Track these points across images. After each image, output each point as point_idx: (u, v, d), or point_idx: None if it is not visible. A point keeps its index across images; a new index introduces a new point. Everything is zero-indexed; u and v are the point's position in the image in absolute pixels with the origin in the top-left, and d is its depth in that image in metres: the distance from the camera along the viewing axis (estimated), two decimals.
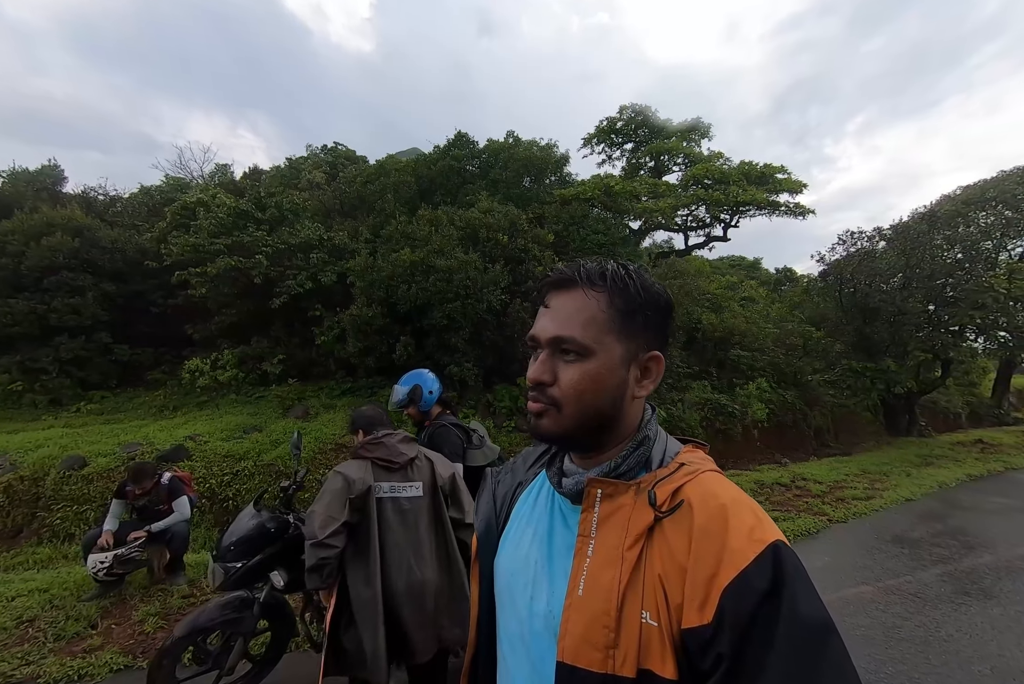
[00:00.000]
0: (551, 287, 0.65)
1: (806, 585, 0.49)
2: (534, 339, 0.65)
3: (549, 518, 0.67)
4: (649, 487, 0.59)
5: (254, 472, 6.13)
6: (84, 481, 5.60)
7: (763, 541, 0.51)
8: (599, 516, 0.60)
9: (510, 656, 0.66)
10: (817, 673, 0.44)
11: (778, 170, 13.74)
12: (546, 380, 0.62)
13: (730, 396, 10.02)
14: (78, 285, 9.47)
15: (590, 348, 0.60)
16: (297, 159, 17.32)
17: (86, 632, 2.92)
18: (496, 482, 0.82)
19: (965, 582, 3.61)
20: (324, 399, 8.54)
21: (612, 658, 0.52)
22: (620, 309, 0.61)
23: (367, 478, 1.91)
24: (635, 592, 0.54)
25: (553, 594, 0.60)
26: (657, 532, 0.56)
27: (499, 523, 0.75)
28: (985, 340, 10.80)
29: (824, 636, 0.46)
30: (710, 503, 0.55)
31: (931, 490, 6.30)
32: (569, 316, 0.61)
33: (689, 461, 0.63)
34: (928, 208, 13.66)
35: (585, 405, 0.61)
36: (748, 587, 0.48)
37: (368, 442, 2.01)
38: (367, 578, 1.85)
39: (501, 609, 0.70)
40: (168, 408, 8.65)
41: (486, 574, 0.74)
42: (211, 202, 9.44)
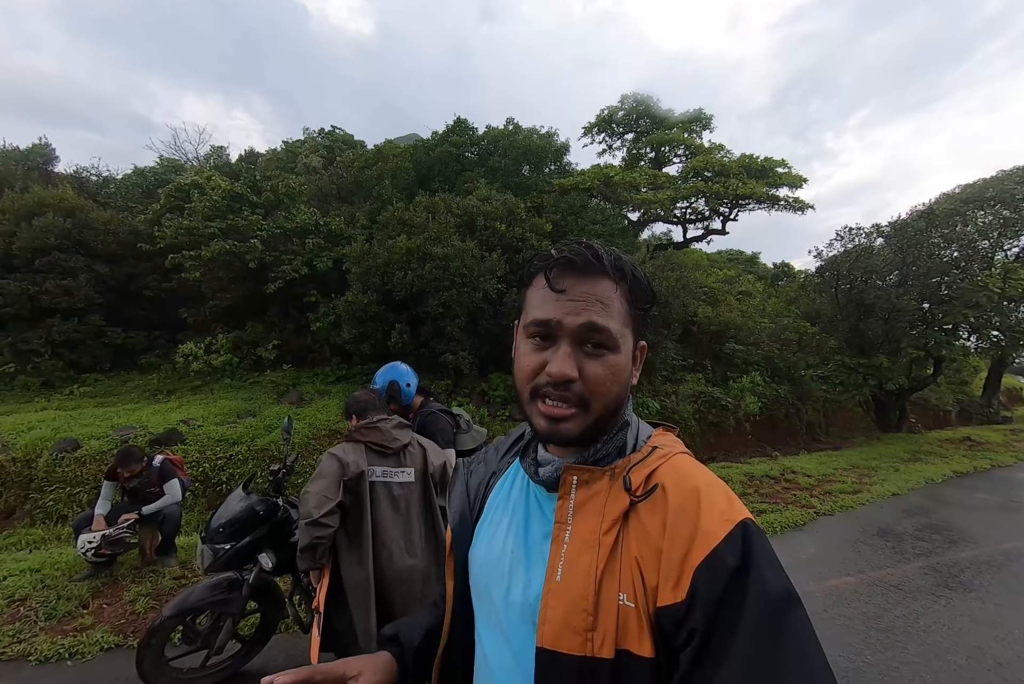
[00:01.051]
0: (566, 269, 0.59)
1: (772, 561, 0.51)
2: (547, 324, 0.59)
3: (525, 507, 0.67)
4: (624, 472, 0.59)
5: (247, 457, 6.14)
6: (77, 463, 5.59)
7: (732, 521, 0.52)
8: (575, 503, 0.60)
9: (489, 646, 0.66)
10: (782, 639, 0.46)
11: (779, 164, 13.65)
12: (575, 376, 0.57)
13: (724, 389, 10.09)
14: (70, 267, 9.35)
15: (617, 341, 0.59)
16: (294, 142, 17.06)
17: (77, 611, 2.94)
18: (469, 473, 0.80)
19: (946, 575, 3.68)
20: (318, 385, 8.54)
21: (591, 641, 0.53)
22: (632, 302, 0.61)
23: (361, 462, 1.93)
24: (612, 575, 0.54)
25: (530, 583, 0.60)
26: (632, 516, 0.56)
27: (473, 514, 0.74)
28: (978, 339, 10.89)
29: (788, 606, 0.48)
30: (684, 485, 0.56)
31: (918, 485, 6.39)
32: (600, 304, 0.58)
33: (661, 444, 0.63)
34: (927, 206, 13.64)
35: (610, 401, 0.60)
36: (719, 564, 0.49)
37: (363, 426, 2.02)
38: (360, 559, 1.87)
39: (478, 600, 0.70)
40: (162, 392, 8.62)
41: (460, 565, 0.74)
42: (206, 185, 9.30)
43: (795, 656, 0.46)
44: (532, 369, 0.60)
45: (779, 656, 0.46)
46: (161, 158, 15.03)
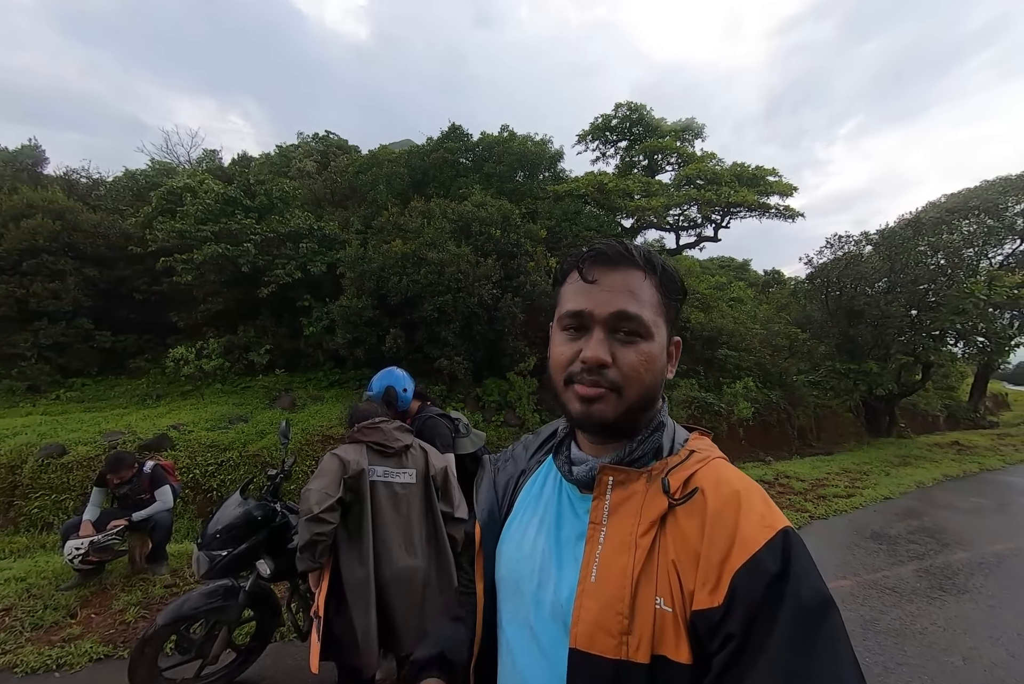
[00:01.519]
0: (597, 262, 0.61)
1: (812, 569, 0.51)
2: (581, 315, 0.60)
3: (557, 506, 0.67)
4: (662, 475, 0.59)
5: (239, 462, 6.06)
6: (63, 469, 5.48)
7: (773, 527, 0.52)
8: (611, 503, 0.60)
9: (516, 643, 0.65)
10: (817, 647, 0.46)
11: (769, 172, 13.87)
12: (609, 361, 0.58)
13: (717, 395, 10.15)
14: (59, 269, 9.22)
15: (650, 329, 0.59)
16: (287, 147, 17.02)
17: (65, 621, 2.86)
18: (496, 470, 0.81)
19: (940, 578, 3.71)
20: (311, 390, 8.47)
21: (626, 644, 0.53)
22: (665, 294, 0.62)
23: (361, 460, 1.93)
24: (649, 578, 0.54)
25: (562, 582, 0.60)
26: (670, 519, 0.56)
27: (502, 512, 0.74)
28: (964, 345, 11.07)
29: (825, 614, 0.48)
30: (723, 490, 0.56)
31: (909, 489, 6.45)
32: (630, 293, 0.59)
33: (699, 448, 0.63)
34: (914, 214, 13.93)
35: (645, 388, 0.60)
36: (759, 570, 0.49)
37: (365, 426, 2.02)
38: (360, 558, 1.85)
39: (505, 597, 0.69)
40: (151, 397, 8.49)
41: (490, 562, 0.73)
42: (199, 188, 9.24)
43: (830, 665, 0.46)
44: (567, 358, 0.61)
45: (813, 664, 0.45)
46: (153, 161, 14.92)
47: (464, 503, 2.16)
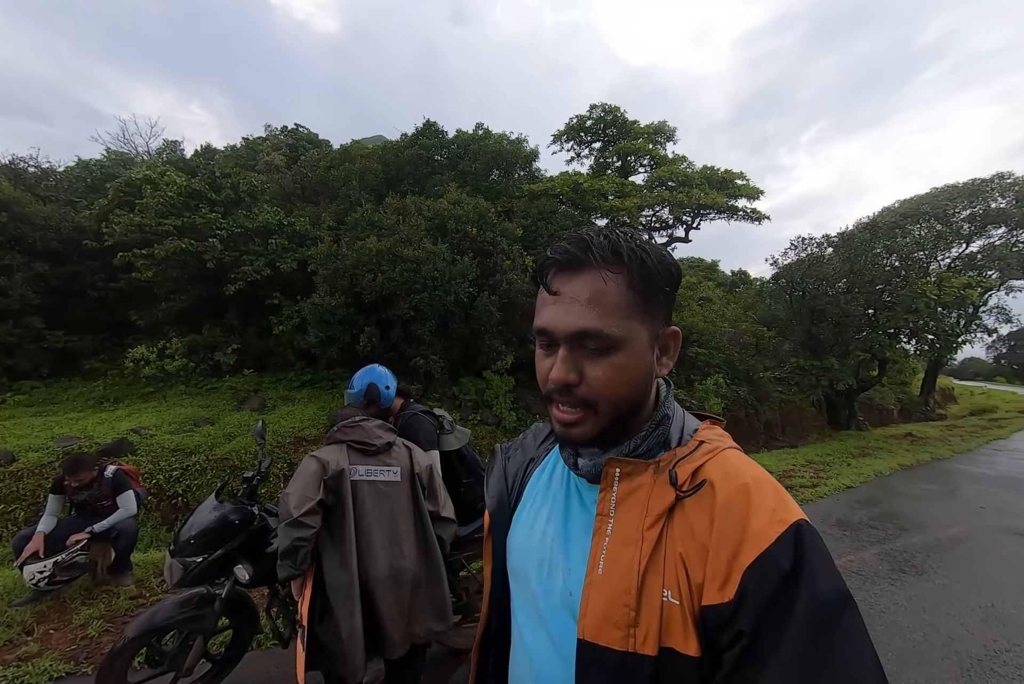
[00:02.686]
0: (557, 269, 0.57)
1: (827, 564, 0.49)
2: (546, 333, 0.58)
3: (565, 497, 0.66)
4: (669, 466, 0.58)
5: (206, 467, 5.82)
6: (12, 478, 5.13)
7: (785, 521, 0.50)
8: (618, 495, 0.59)
9: (527, 630, 0.65)
10: (832, 644, 0.45)
11: (737, 176, 14.31)
12: (573, 380, 0.56)
13: (688, 391, 10.42)
14: (5, 264, 8.63)
15: (619, 339, 0.55)
16: (255, 139, 16.47)
17: (20, 639, 2.68)
18: (506, 458, 0.80)
19: (900, 560, 3.92)
20: (282, 391, 8.22)
21: (633, 636, 0.52)
22: (640, 290, 0.56)
23: (341, 460, 1.87)
24: (656, 571, 0.54)
25: (570, 572, 0.60)
26: (678, 511, 0.55)
27: (511, 500, 0.74)
28: (916, 342, 11.73)
29: (841, 609, 0.47)
30: (732, 482, 0.54)
31: (868, 478, 6.78)
32: (589, 304, 0.55)
33: (708, 438, 0.61)
34: (870, 219, 14.67)
35: (620, 401, 0.58)
36: (770, 567, 0.48)
37: (345, 425, 1.96)
38: (343, 561, 1.79)
39: (516, 585, 0.70)
40: (108, 399, 8.06)
41: (499, 550, 0.74)
42: (160, 180, 8.81)
43: (848, 661, 0.45)
44: (543, 375, 0.59)
45: (828, 661, 0.45)
46: (108, 151, 14.18)
47: (450, 502, 2.13)
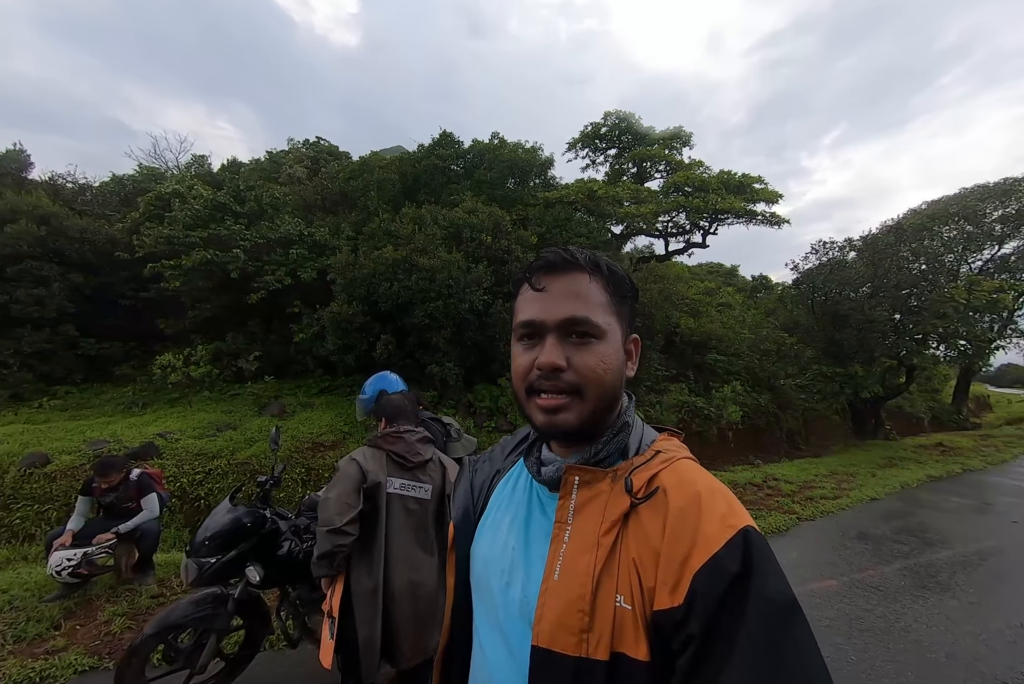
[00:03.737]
0: (545, 270, 0.63)
1: (774, 568, 0.50)
2: (533, 324, 0.62)
3: (527, 506, 0.67)
4: (626, 474, 0.59)
5: (227, 471, 5.99)
6: (46, 479, 5.38)
7: (734, 527, 0.52)
8: (576, 503, 0.61)
9: (487, 642, 0.65)
10: (782, 649, 0.46)
11: (755, 180, 14.11)
12: (563, 365, 0.59)
13: (706, 399, 10.25)
14: (43, 275, 9.10)
15: (603, 329, 0.60)
16: (278, 153, 16.99)
17: (48, 633, 2.81)
18: (474, 470, 0.81)
19: (924, 576, 3.78)
20: (301, 397, 8.41)
21: (586, 642, 0.53)
22: (614, 293, 0.63)
23: (380, 471, 1.90)
24: (610, 577, 0.54)
25: (529, 580, 0.60)
26: (633, 518, 0.57)
27: (476, 511, 0.75)
28: (946, 348, 11.30)
29: (789, 615, 0.48)
30: (685, 490, 0.56)
31: (894, 490, 6.56)
32: (577, 297, 0.61)
33: (665, 449, 0.63)
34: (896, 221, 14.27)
35: (606, 388, 0.60)
36: (719, 570, 0.49)
37: (390, 434, 1.98)
38: (370, 569, 1.84)
39: (478, 596, 0.70)
40: (137, 404, 8.37)
41: (462, 562, 0.74)
42: (187, 193, 9.19)
43: (795, 666, 0.45)
44: (525, 367, 0.62)
45: (779, 666, 0.45)
46: (140, 166, 14.82)
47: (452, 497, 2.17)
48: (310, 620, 2.36)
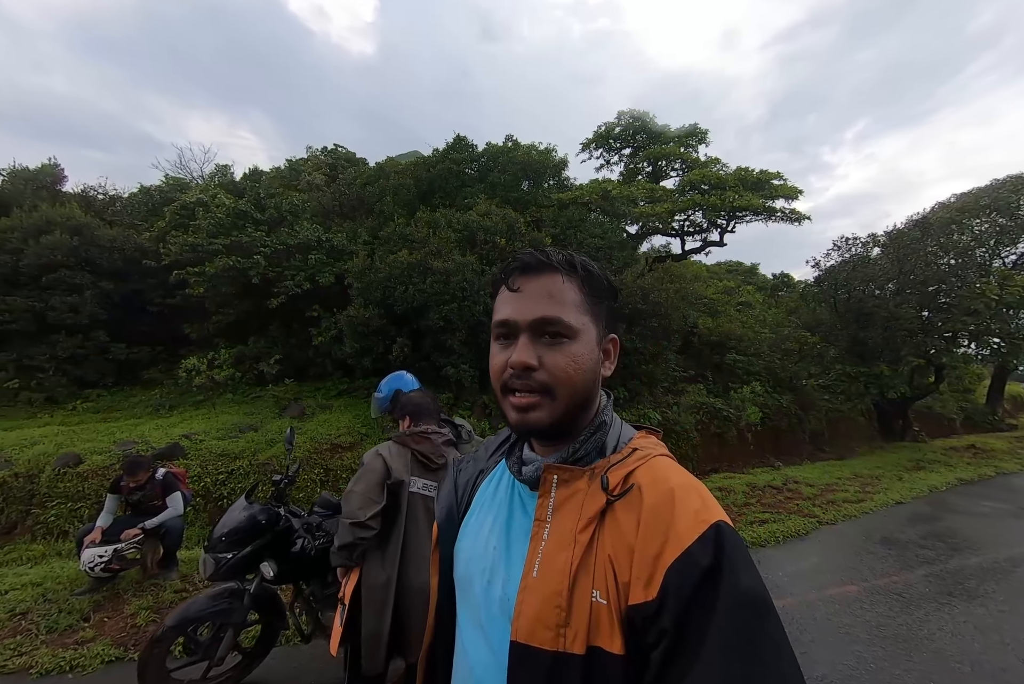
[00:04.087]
0: (520, 271, 0.64)
1: (746, 562, 0.51)
2: (507, 324, 0.63)
3: (509, 505, 0.68)
4: (603, 472, 0.60)
5: (249, 471, 6.15)
6: (79, 478, 5.61)
7: (706, 522, 0.52)
8: (555, 501, 0.62)
9: (468, 641, 0.67)
10: (754, 645, 0.46)
11: (774, 176, 13.83)
12: (534, 364, 0.60)
13: (725, 400, 10.07)
14: (76, 283, 9.50)
15: (575, 329, 0.61)
16: (297, 160, 17.39)
17: (78, 625, 2.94)
18: (458, 470, 0.83)
19: (950, 583, 3.65)
20: (320, 399, 8.58)
21: (563, 636, 0.54)
22: (589, 293, 0.64)
23: (403, 470, 1.93)
24: (586, 572, 0.55)
25: (509, 579, 0.61)
26: (609, 515, 0.58)
27: (460, 511, 0.76)
28: (977, 346, 10.89)
29: (761, 611, 0.48)
30: (660, 486, 0.57)
31: (922, 493, 6.34)
32: (550, 298, 0.61)
33: (642, 446, 0.64)
34: (922, 215, 13.78)
35: (577, 388, 0.61)
36: (691, 565, 0.50)
37: (418, 434, 2.01)
38: (384, 562, 1.87)
39: (461, 595, 0.71)
40: (164, 407, 8.66)
41: (446, 561, 0.75)
42: (211, 202, 9.49)
43: (765, 661, 0.46)
44: (500, 366, 0.63)
45: (748, 661, 0.46)
46: (167, 177, 15.34)
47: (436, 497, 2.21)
48: (323, 616, 2.41)
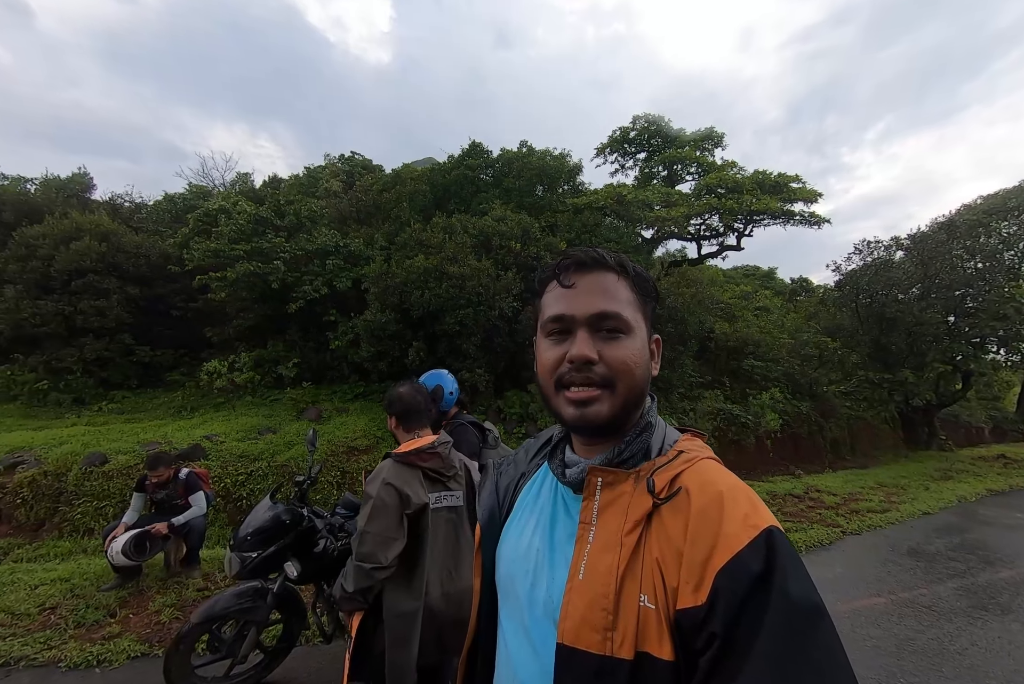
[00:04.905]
0: (575, 268, 0.65)
1: (798, 569, 0.50)
2: (563, 319, 0.63)
3: (552, 508, 0.68)
4: (648, 475, 0.60)
5: (268, 472, 6.23)
6: (104, 477, 5.75)
7: (757, 527, 0.52)
8: (600, 504, 0.61)
9: (512, 642, 0.66)
10: (806, 654, 0.45)
11: (792, 179, 13.67)
12: (595, 357, 0.60)
13: (743, 406, 9.92)
14: (104, 288, 9.79)
15: (631, 325, 0.63)
16: (315, 168, 17.74)
17: (105, 620, 3.01)
18: (499, 473, 0.83)
19: (982, 596, 3.53)
20: (337, 402, 8.67)
21: (611, 640, 0.53)
22: (640, 293, 0.66)
23: (420, 492, 1.79)
24: (633, 576, 0.55)
25: (554, 581, 0.61)
26: (655, 518, 0.57)
27: (502, 513, 0.77)
28: (1007, 352, 10.57)
29: (814, 619, 0.47)
30: (707, 489, 0.56)
31: (950, 504, 6.15)
32: (606, 293, 0.63)
33: (688, 449, 0.64)
34: (947, 218, 13.46)
35: (635, 382, 0.62)
36: (742, 570, 0.49)
37: (425, 451, 1.86)
38: (410, 590, 1.74)
39: (503, 597, 0.71)
40: (186, 408, 8.85)
41: (488, 563, 0.75)
42: (232, 209, 9.73)
43: (819, 669, 0.44)
44: (554, 362, 0.63)
45: (802, 666, 0.44)
46: (190, 185, 15.77)
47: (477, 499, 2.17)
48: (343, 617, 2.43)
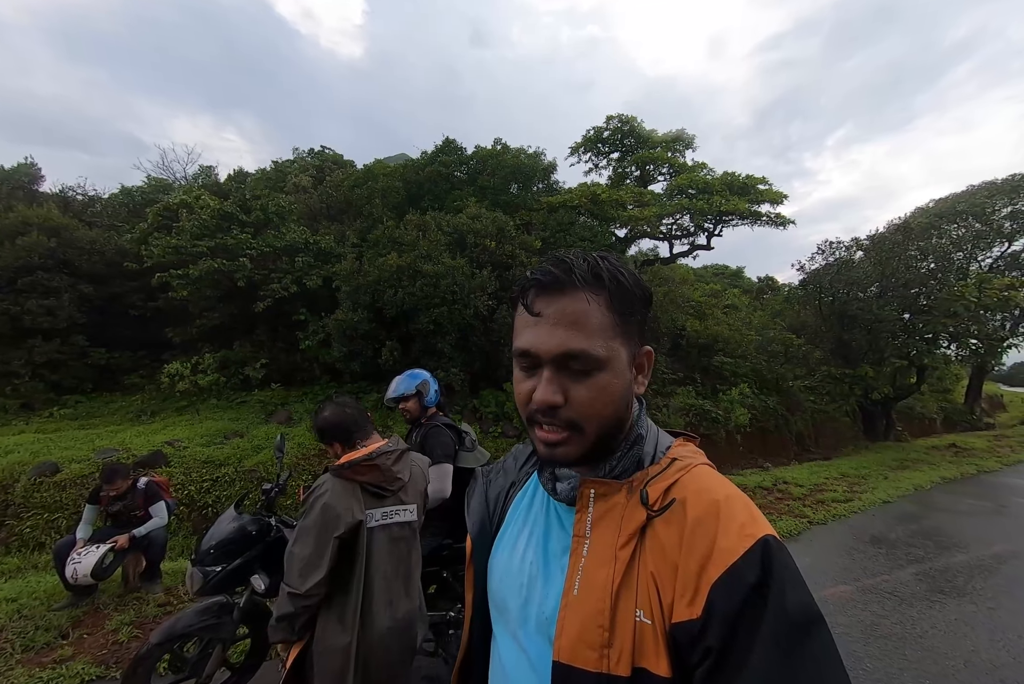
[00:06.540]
0: (539, 291, 0.57)
1: (795, 579, 0.49)
2: (529, 355, 0.57)
3: (545, 520, 0.67)
4: (641, 486, 0.58)
5: (235, 478, 6.01)
6: (56, 488, 5.42)
7: (753, 536, 0.50)
8: (593, 516, 0.59)
9: (507, 656, 0.65)
10: (801, 668, 0.44)
11: (759, 181, 14.07)
12: (559, 402, 0.56)
13: (713, 402, 10.17)
14: (53, 286, 9.25)
15: (603, 359, 0.55)
16: (283, 162, 17.20)
17: (56, 642, 2.81)
18: (487, 482, 0.80)
19: (940, 581, 3.70)
20: (308, 404, 8.44)
21: (607, 657, 0.52)
22: (619, 310, 0.57)
23: (356, 508, 1.60)
24: (629, 591, 0.53)
25: (548, 596, 0.60)
26: (649, 530, 0.55)
27: (493, 524, 0.74)
28: (957, 347, 11.15)
29: (810, 630, 0.46)
30: (702, 499, 0.54)
31: (907, 492, 6.45)
32: (574, 326, 0.55)
33: (681, 455, 0.62)
34: (903, 220, 14.15)
35: (605, 420, 0.58)
36: (737, 582, 0.48)
37: (361, 464, 1.65)
38: (343, 621, 1.57)
39: (496, 611, 0.69)
40: (146, 413, 8.45)
41: (480, 576, 0.73)
42: (195, 204, 9.32)
43: (816, 676, 0.44)
44: (524, 396, 0.59)
45: (799, 676, 0.44)
46: (149, 178, 15.07)
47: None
48: None
